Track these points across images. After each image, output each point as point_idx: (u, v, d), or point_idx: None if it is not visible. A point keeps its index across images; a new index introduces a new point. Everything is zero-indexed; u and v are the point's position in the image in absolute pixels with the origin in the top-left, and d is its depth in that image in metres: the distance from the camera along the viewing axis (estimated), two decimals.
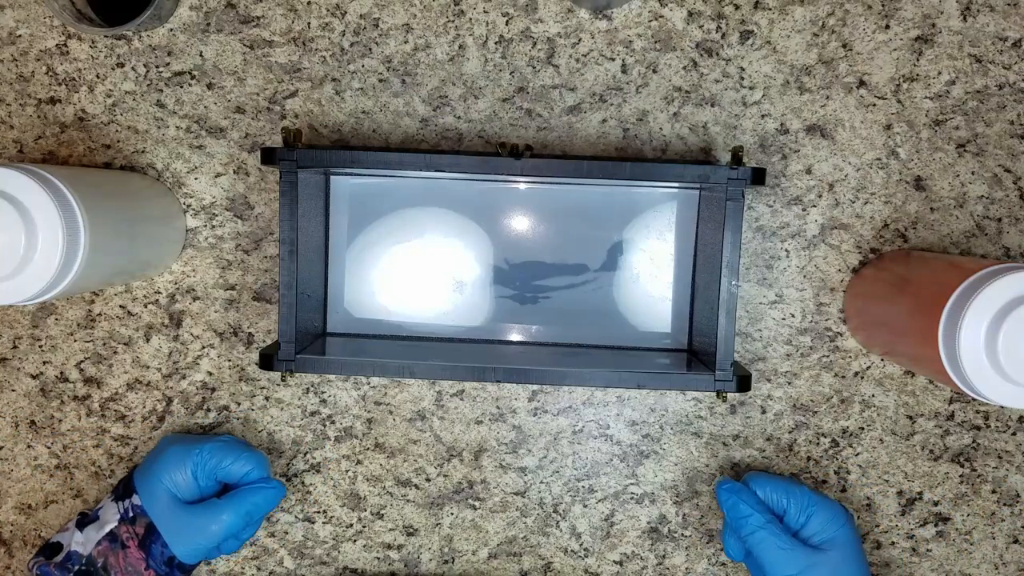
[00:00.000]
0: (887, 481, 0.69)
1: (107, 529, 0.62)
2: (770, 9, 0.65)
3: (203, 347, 0.69)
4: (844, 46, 0.65)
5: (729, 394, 0.64)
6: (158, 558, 0.62)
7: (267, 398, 0.69)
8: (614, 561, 0.70)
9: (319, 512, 0.70)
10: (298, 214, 0.59)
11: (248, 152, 0.67)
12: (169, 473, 0.63)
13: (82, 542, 0.62)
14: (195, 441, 0.64)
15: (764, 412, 0.69)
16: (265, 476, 0.64)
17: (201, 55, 0.67)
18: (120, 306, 0.69)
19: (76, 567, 0.61)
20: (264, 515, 0.64)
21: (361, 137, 0.67)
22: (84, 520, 0.64)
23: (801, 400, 0.68)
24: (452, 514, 0.70)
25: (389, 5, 0.66)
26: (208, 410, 0.70)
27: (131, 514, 0.62)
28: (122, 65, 0.67)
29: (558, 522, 0.70)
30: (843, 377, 0.68)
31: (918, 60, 0.66)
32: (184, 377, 0.69)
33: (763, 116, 0.66)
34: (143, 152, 0.68)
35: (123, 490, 0.64)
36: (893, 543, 0.69)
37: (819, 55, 0.66)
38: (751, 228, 0.67)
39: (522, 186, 0.67)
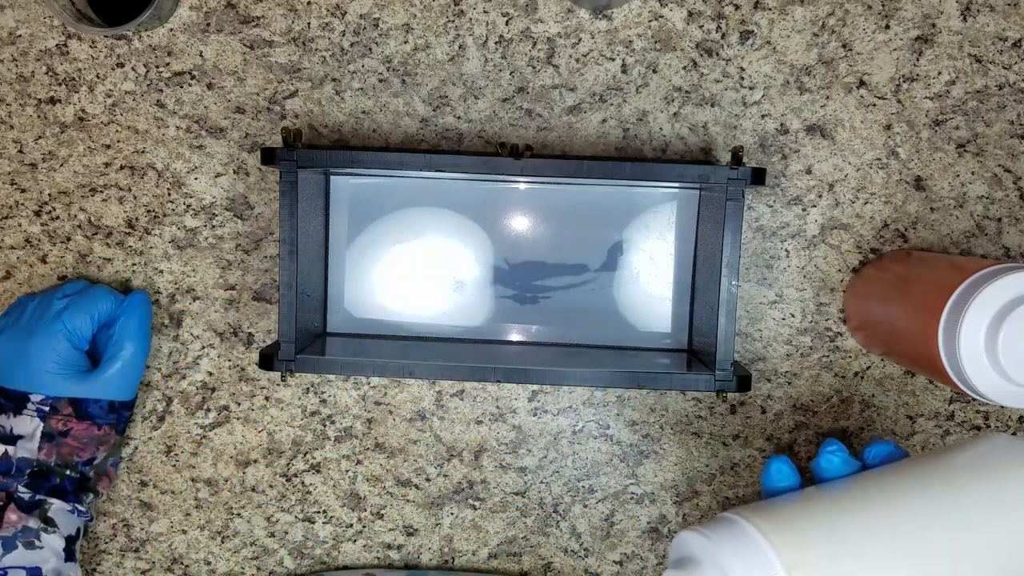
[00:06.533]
0: None
1: (37, 436, 0.62)
2: (770, 9, 0.65)
3: (203, 347, 0.69)
4: (844, 46, 0.65)
5: (729, 394, 0.64)
6: (101, 414, 0.63)
7: (267, 398, 0.69)
8: (614, 561, 0.70)
9: (319, 512, 0.70)
10: (298, 214, 0.59)
11: (248, 152, 0.67)
12: (49, 359, 0.62)
13: (22, 455, 0.62)
14: (47, 318, 0.63)
15: (764, 412, 0.69)
16: (122, 298, 0.65)
17: (201, 55, 0.67)
18: None
19: (28, 469, 0.61)
20: (151, 322, 0.67)
21: (361, 137, 0.67)
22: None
23: (801, 400, 0.68)
24: (452, 514, 0.70)
25: (389, 5, 0.66)
26: (208, 410, 0.70)
27: (46, 408, 0.62)
28: (122, 65, 0.67)
29: (558, 522, 0.70)
30: (843, 377, 0.68)
31: (918, 60, 0.66)
32: (184, 377, 0.69)
33: (763, 116, 0.66)
34: (143, 152, 0.68)
35: (13, 403, 0.62)
36: None
37: (819, 55, 0.66)
38: (751, 228, 0.67)
39: (522, 186, 0.67)
